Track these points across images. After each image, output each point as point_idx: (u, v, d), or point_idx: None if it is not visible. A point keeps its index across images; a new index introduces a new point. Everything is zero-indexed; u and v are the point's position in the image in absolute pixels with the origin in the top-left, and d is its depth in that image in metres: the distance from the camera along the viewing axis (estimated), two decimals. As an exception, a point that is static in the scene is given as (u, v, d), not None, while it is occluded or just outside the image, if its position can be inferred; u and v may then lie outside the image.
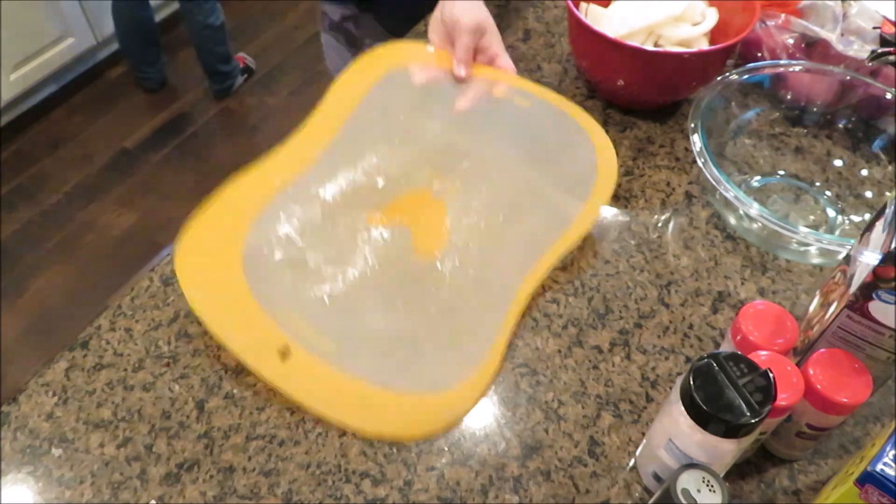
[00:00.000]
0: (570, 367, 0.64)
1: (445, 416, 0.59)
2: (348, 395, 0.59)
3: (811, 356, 0.52)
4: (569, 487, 0.57)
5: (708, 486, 0.45)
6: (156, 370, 0.63)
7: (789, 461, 0.59)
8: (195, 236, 0.65)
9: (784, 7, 0.86)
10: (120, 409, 0.60)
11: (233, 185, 0.69)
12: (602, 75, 0.84)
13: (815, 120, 0.84)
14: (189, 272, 0.63)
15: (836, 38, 0.82)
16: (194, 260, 0.64)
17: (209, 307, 0.61)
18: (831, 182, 0.81)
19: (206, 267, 0.64)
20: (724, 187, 0.67)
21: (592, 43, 0.80)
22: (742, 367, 0.47)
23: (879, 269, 0.46)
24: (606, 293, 0.70)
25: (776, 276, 0.72)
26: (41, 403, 0.60)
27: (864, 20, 0.83)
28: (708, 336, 0.67)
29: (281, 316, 0.61)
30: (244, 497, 0.56)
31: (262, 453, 0.58)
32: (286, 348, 0.59)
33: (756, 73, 0.80)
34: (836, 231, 0.77)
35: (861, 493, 0.47)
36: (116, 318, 0.66)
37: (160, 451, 0.58)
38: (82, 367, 0.63)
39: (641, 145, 0.85)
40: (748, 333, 0.53)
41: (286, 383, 0.59)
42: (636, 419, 0.61)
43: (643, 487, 0.57)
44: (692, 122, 0.72)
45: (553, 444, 0.59)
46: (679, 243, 0.74)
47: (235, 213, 0.67)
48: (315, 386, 0.59)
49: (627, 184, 0.80)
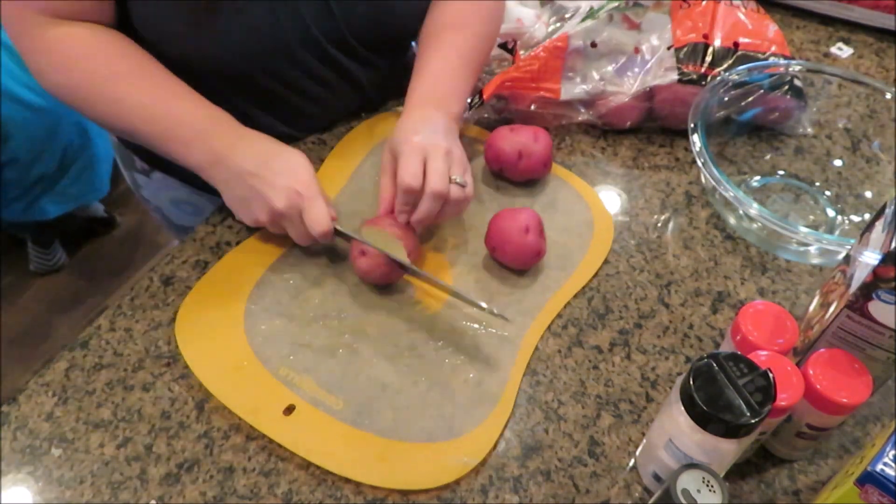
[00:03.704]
0: (570, 367, 0.64)
1: (458, 464, 0.57)
2: (361, 449, 0.58)
3: (811, 356, 0.52)
4: (569, 487, 0.57)
5: (708, 486, 0.45)
6: (156, 370, 0.63)
7: (789, 461, 0.59)
8: (196, 300, 0.66)
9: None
10: (120, 409, 0.60)
11: (236, 250, 0.70)
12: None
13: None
14: (190, 337, 0.64)
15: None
16: (194, 323, 0.65)
17: (211, 371, 0.62)
18: (831, 182, 0.81)
19: (207, 330, 0.64)
20: (724, 187, 0.67)
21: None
22: (742, 367, 0.47)
23: (879, 269, 0.46)
24: (606, 293, 0.70)
25: (776, 276, 0.72)
26: (41, 403, 0.60)
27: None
28: (708, 336, 0.67)
29: (285, 374, 0.62)
30: (244, 497, 0.55)
31: (262, 453, 0.58)
32: (292, 407, 0.60)
33: (756, 72, 0.80)
34: (836, 231, 0.77)
35: (861, 493, 0.47)
36: (116, 318, 0.66)
37: (160, 451, 0.58)
38: (82, 367, 0.63)
39: (641, 145, 0.85)
40: (748, 333, 0.53)
41: (295, 441, 0.58)
42: (636, 419, 0.61)
43: (643, 487, 0.57)
44: (692, 122, 0.72)
45: (553, 444, 0.59)
46: (679, 243, 0.74)
47: (237, 276, 0.68)
48: (325, 442, 0.58)
49: (627, 184, 0.80)
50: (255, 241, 0.72)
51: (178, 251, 0.72)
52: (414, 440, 0.58)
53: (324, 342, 0.64)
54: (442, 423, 0.59)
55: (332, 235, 0.66)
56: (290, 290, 0.68)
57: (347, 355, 0.63)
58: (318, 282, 0.68)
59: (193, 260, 0.71)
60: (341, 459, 0.57)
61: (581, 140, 0.85)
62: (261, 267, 0.69)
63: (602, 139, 0.85)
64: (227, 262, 0.70)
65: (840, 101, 0.83)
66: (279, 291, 0.67)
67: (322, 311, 0.66)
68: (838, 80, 0.81)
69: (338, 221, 0.67)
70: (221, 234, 0.73)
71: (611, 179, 0.81)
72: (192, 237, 0.73)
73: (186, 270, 0.70)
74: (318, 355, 0.63)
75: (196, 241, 0.72)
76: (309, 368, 0.62)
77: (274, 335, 0.64)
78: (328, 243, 0.69)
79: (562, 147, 0.84)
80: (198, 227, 0.74)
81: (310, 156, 0.82)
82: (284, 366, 0.62)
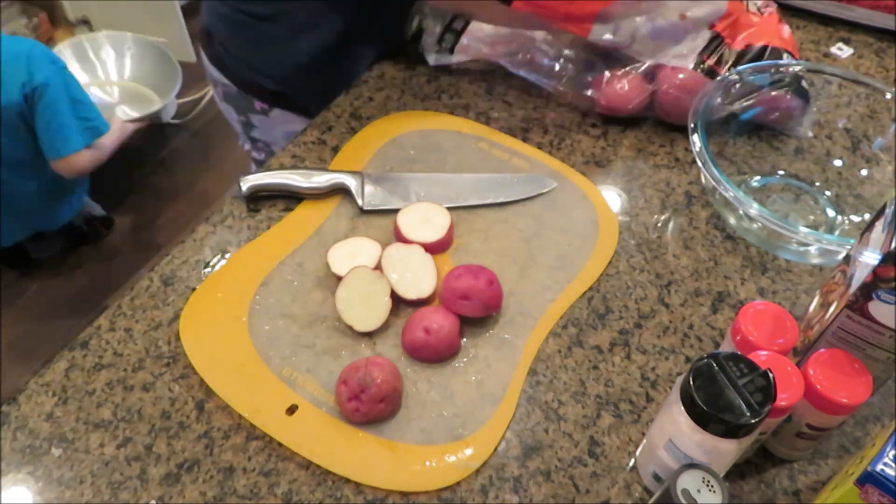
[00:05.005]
0: (570, 367, 0.64)
1: (460, 466, 0.57)
2: (362, 450, 0.58)
3: (811, 356, 0.52)
4: (569, 487, 0.57)
5: (708, 487, 0.45)
6: (156, 370, 0.63)
7: (789, 461, 0.59)
8: (201, 300, 0.67)
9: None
10: (120, 409, 0.60)
11: (241, 250, 0.71)
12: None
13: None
14: (193, 335, 0.64)
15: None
16: (199, 323, 0.65)
17: (215, 370, 0.62)
18: (831, 182, 0.81)
19: (210, 329, 0.65)
20: (724, 187, 0.67)
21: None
22: (742, 367, 0.47)
23: (879, 269, 0.46)
24: (606, 293, 0.70)
25: (776, 276, 0.72)
26: (41, 403, 0.60)
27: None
28: (708, 336, 0.67)
29: (288, 374, 0.62)
30: (244, 497, 0.56)
31: (262, 453, 0.58)
32: (294, 407, 0.60)
33: (756, 72, 0.80)
34: (836, 231, 0.77)
35: (861, 493, 0.46)
36: (116, 318, 0.66)
37: (160, 451, 0.58)
38: (82, 367, 0.63)
39: (641, 145, 0.85)
40: (748, 333, 0.53)
41: (297, 441, 0.58)
42: (636, 419, 0.61)
43: (643, 487, 0.57)
44: (692, 121, 0.72)
45: (553, 444, 0.59)
46: (679, 243, 0.74)
47: (242, 277, 0.69)
48: (327, 443, 0.58)
49: (627, 184, 0.80)
50: (259, 241, 0.72)
51: (178, 251, 0.72)
52: (415, 442, 0.58)
53: (326, 343, 0.64)
54: (443, 425, 0.59)
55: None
56: (292, 290, 0.68)
57: (350, 356, 0.63)
58: (320, 283, 0.68)
59: (193, 260, 0.71)
60: (343, 460, 0.57)
61: (581, 140, 0.85)
62: (265, 268, 0.69)
63: (602, 139, 0.85)
64: (231, 263, 0.70)
65: (840, 101, 0.83)
66: (282, 292, 0.67)
67: (324, 311, 0.66)
68: (838, 80, 0.81)
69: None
70: (221, 234, 0.73)
71: (611, 179, 0.81)
72: (193, 237, 0.73)
73: (186, 270, 0.70)
74: (321, 356, 0.63)
75: (196, 241, 0.73)
76: (311, 368, 0.62)
77: (277, 335, 0.64)
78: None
79: (562, 147, 0.84)
80: (198, 227, 0.74)
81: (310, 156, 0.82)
82: (287, 366, 0.62)
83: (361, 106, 0.88)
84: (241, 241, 0.73)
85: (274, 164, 0.81)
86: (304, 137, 0.84)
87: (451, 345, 0.62)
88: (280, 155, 0.82)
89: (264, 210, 0.76)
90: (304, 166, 0.80)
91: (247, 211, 0.76)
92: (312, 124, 0.86)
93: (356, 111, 0.86)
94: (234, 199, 0.76)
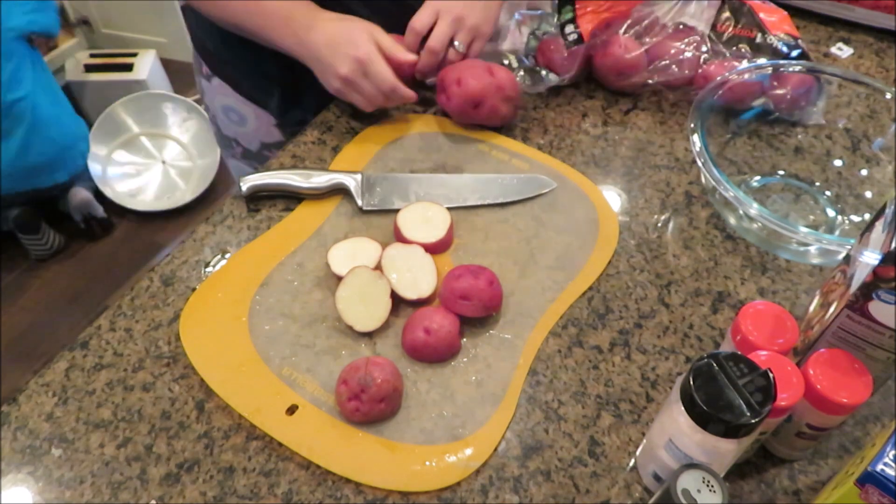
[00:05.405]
0: (570, 367, 0.64)
1: (460, 466, 0.57)
2: (362, 450, 0.58)
3: (811, 356, 0.52)
4: (569, 487, 0.57)
5: (708, 487, 0.45)
6: (156, 370, 0.63)
7: (789, 461, 0.59)
8: (201, 299, 0.67)
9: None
10: (120, 410, 0.60)
11: (241, 251, 0.71)
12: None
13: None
14: (193, 335, 0.64)
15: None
16: (199, 323, 0.65)
17: (215, 370, 0.62)
18: (831, 182, 0.81)
19: (211, 329, 0.65)
20: (724, 187, 0.67)
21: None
22: (742, 367, 0.47)
23: (879, 269, 0.46)
24: (606, 293, 0.70)
25: (776, 276, 0.72)
26: (41, 403, 0.60)
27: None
28: (708, 336, 0.67)
29: (288, 374, 0.62)
30: (244, 497, 0.56)
31: (262, 453, 0.58)
32: (294, 407, 0.60)
33: (756, 72, 0.80)
34: (836, 231, 0.77)
35: (861, 493, 0.46)
36: (116, 318, 0.66)
37: (160, 451, 0.58)
38: (82, 368, 0.63)
39: (641, 145, 0.85)
40: (748, 333, 0.53)
41: (297, 441, 0.58)
42: (636, 419, 0.61)
43: (643, 487, 0.57)
44: (692, 122, 0.72)
45: (553, 444, 0.59)
46: (679, 243, 0.74)
47: (242, 277, 0.69)
48: (327, 443, 0.58)
49: (627, 184, 0.80)
50: (259, 241, 0.72)
51: (178, 251, 0.72)
52: (415, 441, 0.58)
53: (326, 343, 0.64)
54: (443, 425, 0.59)
55: (403, 90, 0.78)
56: (292, 290, 0.68)
57: (350, 356, 0.63)
58: (320, 283, 0.68)
59: (193, 260, 0.71)
60: (343, 460, 0.57)
61: (581, 140, 0.85)
62: (265, 268, 0.69)
63: (602, 139, 0.85)
64: (232, 263, 0.70)
65: (840, 101, 0.83)
66: (282, 292, 0.67)
67: (324, 311, 0.66)
68: (838, 80, 0.81)
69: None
70: (221, 234, 0.73)
71: (611, 179, 0.81)
72: (193, 237, 0.73)
73: (186, 270, 0.70)
74: (321, 355, 0.63)
75: (196, 241, 0.73)
76: (311, 368, 0.62)
77: (277, 335, 0.64)
78: (409, 101, 0.80)
79: (562, 147, 0.84)
80: (198, 227, 0.74)
81: (310, 156, 0.82)
82: (287, 366, 0.62)
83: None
84: (241, 241, 0.73)
85: (274, 164, 0.81)
86: (304, 137, 0.84)
87: (451, 345, 0.62)
88: (280, 155, 0.82)
89: (264, 210, 0.76)
90: (304, 166, 0.80)
91: (247, 211, 0.76)
92: (313, 124, 0.86)
93: (356, 111, 0.86)
94: (235, 199, 0.77)
